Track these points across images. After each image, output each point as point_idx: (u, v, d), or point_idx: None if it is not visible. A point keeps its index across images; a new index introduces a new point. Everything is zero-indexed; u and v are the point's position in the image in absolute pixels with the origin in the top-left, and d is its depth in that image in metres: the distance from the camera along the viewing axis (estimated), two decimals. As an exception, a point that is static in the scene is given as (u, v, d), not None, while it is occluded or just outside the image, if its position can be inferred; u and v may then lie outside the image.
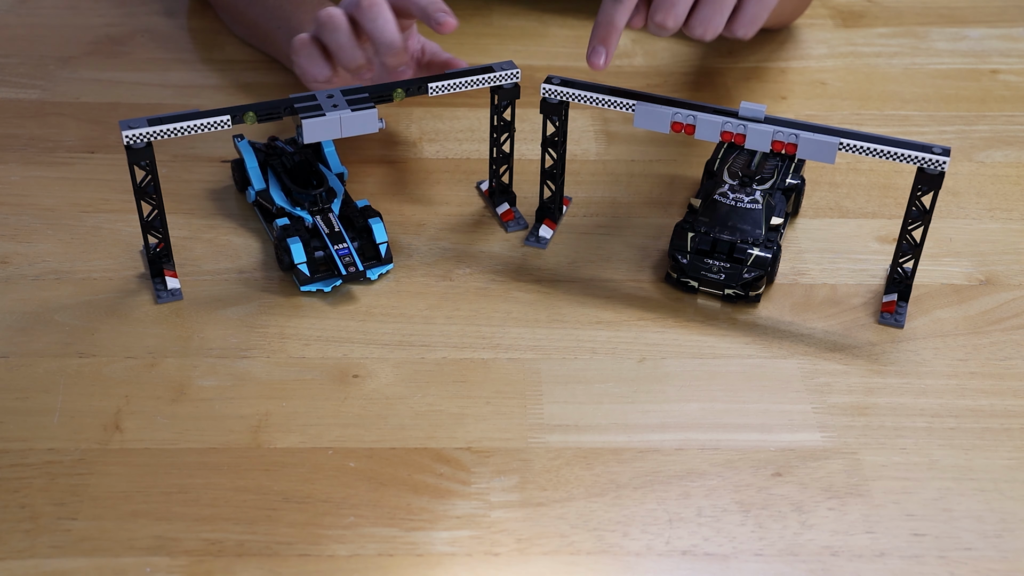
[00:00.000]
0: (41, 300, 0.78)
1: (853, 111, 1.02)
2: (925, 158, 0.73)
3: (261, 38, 1.04)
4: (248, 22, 1.05)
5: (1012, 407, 0.72)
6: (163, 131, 0.73)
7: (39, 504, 0.64)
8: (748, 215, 0.80)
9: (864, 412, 0.72)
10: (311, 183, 0.84)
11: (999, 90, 1.05)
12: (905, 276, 0.79)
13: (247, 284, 0.80)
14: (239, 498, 0.65)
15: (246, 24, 1.06)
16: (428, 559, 0.62)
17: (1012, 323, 0.78)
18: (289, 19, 0.97)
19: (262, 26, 1.02)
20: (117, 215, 0.86)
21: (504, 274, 0.82)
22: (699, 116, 0.76)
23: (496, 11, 1.15)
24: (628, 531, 0.64)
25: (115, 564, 0.61)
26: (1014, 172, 0.94)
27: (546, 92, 0.80)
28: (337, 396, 0.72)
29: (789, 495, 0.66)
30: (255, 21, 1.03)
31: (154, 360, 0.74)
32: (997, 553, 0.63)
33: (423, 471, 0.67)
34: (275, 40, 1.00)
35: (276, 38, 1.00)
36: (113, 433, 0.69)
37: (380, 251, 0.80)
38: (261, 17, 1.02)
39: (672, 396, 0.73)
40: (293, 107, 0.76)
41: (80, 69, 1.05)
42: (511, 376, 0.74)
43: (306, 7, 0.97)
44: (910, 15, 1.17)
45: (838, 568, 0.62)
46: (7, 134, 0.96)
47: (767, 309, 0.79)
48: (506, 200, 0.88)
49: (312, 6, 0.96)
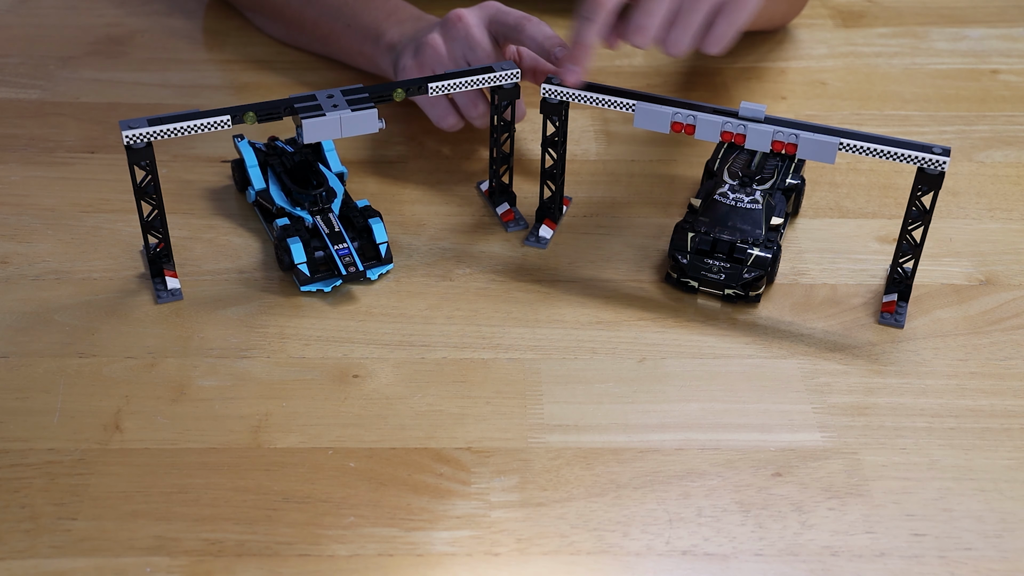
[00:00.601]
0: (41, 300, 0.78)
1: (853, 111, 1.02)
2: (925, 158, 0.73)
3: (319, 38, 1.04)
4: (305, 21, 1.04)
5: (1012, 407, 0.72)
6: (163, 131, 0.73)
7: (39, 504, 0.64)
8: (748, 215, 0.80)
9: (864, 412, 0.72)
10: (311, 183, 0.84)
11: (999, 90, 1.05)
12: (905, 276, 0.79)
13: (247, 284, 0.80)
14: (239, 498, 0.65)
15: (299, 24, 1.05)
16: (428, 559, 0.62)
17: (1012, 323, 0.78)
18: (358, 16, 0.98)
19: (324, 25, 1.02)
20: (117, 215, 0.86)
21: (504, 274, 0.82)
22: (699, 116, 0.76)
23: (496, 11, 1.15)
24: (628, 531, 0.64)
25: (115, 564, 0.61)
26: (1014, 172, 0.94)
27: (546, 92, 0.80)
28: (337, 396, 0.72)
29: (789, 495, 0.66)
30: (316, 21, 1.03)
31: (154, 360, 0.74)
32: (997, 553, 0.63)
33: (423, 471, 0.67)
34: (341, 40, 1.01)
35: (344, 38, 1.00)
36: (113, 433, 0.69)
37: (380, 251, 0.80)
38: (323, 17, 1.02)
39: (672, 396, 0.73)
40: (293, 107, 0.76)
41: (80, 69, 1.05)
42: (511, 376, 0.74)
43: (375, 4, 0.98)
44: (910, 15, 1.17)
45: (838, 568, 0.62)
46: (7, 134, 0.96)
47: (767, 309, 0.79)
48: (506, 200, 0.88)
49: (380, 2, 0.97)
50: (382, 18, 0.96)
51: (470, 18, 0.87)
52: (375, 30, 0.96)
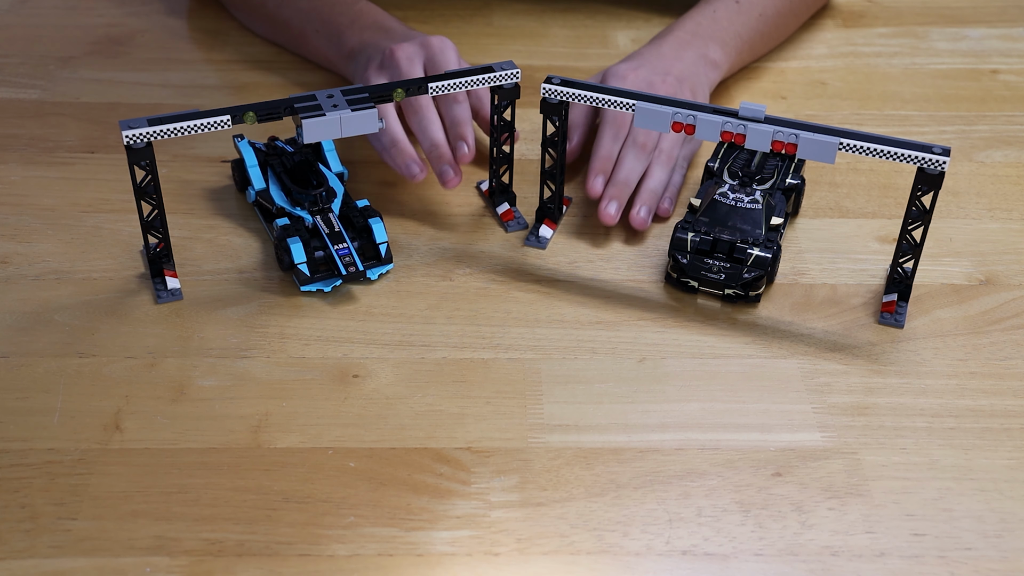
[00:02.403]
0: (41, 300, 0.78)
1: (853, 111, 1.02)
2: (925, 158, 0.73)
3: (292, 38, 1.04)
4: (279, 22, 1.05)
5: (1012, 407, 0.72)
6: (163, 131, 0.73)
7: (39, 504, 0.64)
8: (748, 215, 0.80)
9: (864, 412, 0.72)
10: (311, 183, 0.84)
11: (999, 90, 1.05)
12: (905, 276, 0.79)
13: (247, 284, 0.80)
14: (239, 498, 0.65)
15: (275, 23, 1.06)
16: (428, 559, 0.62)
17: (1012, 323, 0.78)
18: (327, 22, 0.98)
19: (295, 27, 1.02)
20: (117, 215, 0.86)
21: (504, 274, 0.82)
22: (699, 116, 0.76)
23: (496, 11, 1.15)
24: (628, 531, 0.64)
25: (115, 564, 0.61)
26: (1014, 172, 0.94)
27: (546, 92, 0.80)
28: (337, 396, 0.72)
29: (789, 495, 0.66)
30: (287, 21, 1.03)
31: (154, 360, 0.74)
32: (997, 553, 0.63)
33: (423, 471, 0.67)
34: (311, 42, 1.01)
35: (313, 40, 1.01)
36: (113, 433, 0.69)
37: (380, 251, 0.80)
38: (294, 18, 1.02)
39: (672, 396, 0.73)
40: (293, 107, 0.76)
41: (80, 69, 1.05)
42: (511, 376, 0.74)
43: (340, 8, 0.98)
44: (910, 15, 1.17)
45: (838, 568, 0.62)
46: (7, 134, 0.96)
47: (767, 309, 0.79)
48: (506, 200, 0.88)
49: (346, 6, 0.97)
50: (345, 24, 0.97)
51: (402, 58, 0.88)
52: (337, 36, 0.97)
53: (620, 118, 0.86)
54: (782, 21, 1.06)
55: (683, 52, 0.94)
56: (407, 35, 0.93)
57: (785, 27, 1.07)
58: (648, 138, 0.85)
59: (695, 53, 0.94)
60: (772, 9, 1.03)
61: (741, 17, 1.00)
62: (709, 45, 0.96)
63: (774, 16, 1.04)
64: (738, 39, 0.99)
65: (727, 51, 0.98)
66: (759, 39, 1.03)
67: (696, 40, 0.96)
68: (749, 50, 1.02)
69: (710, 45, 0.96)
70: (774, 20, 1.04)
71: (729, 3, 1.01)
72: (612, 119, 0.86)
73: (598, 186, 0.84)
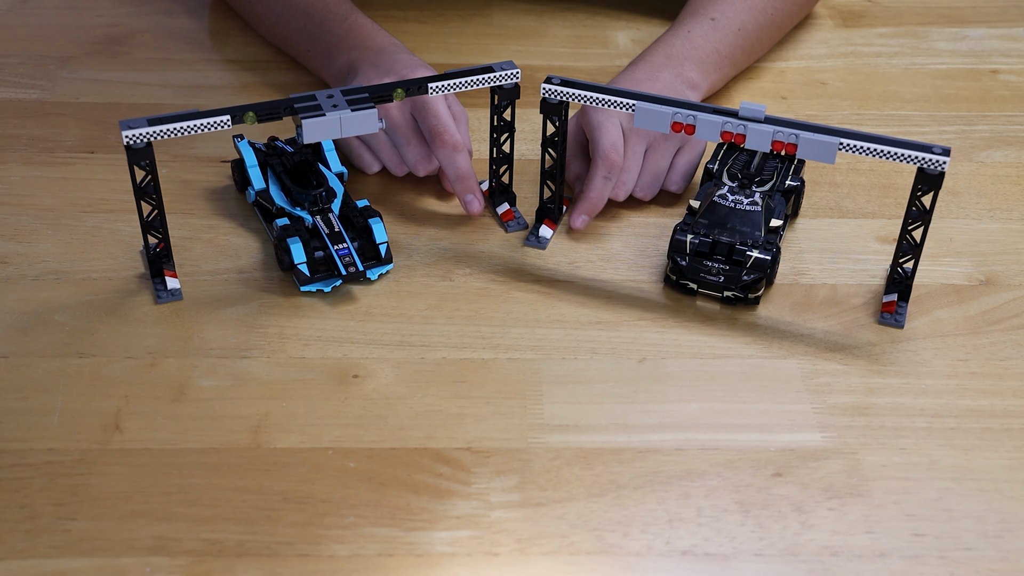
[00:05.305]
0: (41, 300, 0.78)
1: (853, 111, 1.02)
2: (925, 158, 0.73)
3: (293, 54, 1.05)
4: (279, 39, 1.06)
5: (1012, 407, 0.72)
6: (163, 131, 0.73)
7: (39, 504, 0.64)
8: (747, 217, 0.80)
9: (864, 412, 0.72)
10: (311, 183, 0.84)
11: (999, 90, 1.05)
12: (905, 276, 0.79)
13: (247, 284, 0.80)
14: (239, 498, 0.65)
15: (275, 39, 1.07)
16: (428, 559, 0.62)
17: (1012, 323, 0.78)
18: (317, 40, 0.98)
19: (292, 45, 1.03)
20: (117, 215, 0.86)
21: (504, 274, 0.82)
22: (699, 116, 0.76)
23: (496, 11, 1.15)
24: (628, 531, 0.64)
25: (115, 564, 0.61)
26: (1014, 172, 0.94)
27: (546, 92, 0.80)
28: (337, 396, 0.72)
29: (789, 495, 0.66)
30: (287, 37, 1.04)
31: (154, 360, 0.74)
32: (997, 553, 0.63)
33: (423, 471, 0.67)
34: (306, 60, 1.02)
35: (307, 58, 1.01)
36: (113, 433, 0.69)
37: (380, 251, 0.80)
38: (291, 37, 1.03)
39: (672, 396, 0.73)
40: (293, 107, 0.76)
41: (80, 69, 1.05)
42: (511, 376, 0.74)
43: (330, 26, 0.98)
44: (910, 15, 1.17)
45: (838, 568, 0.62)
46: (7, 134, 0.96)
47: (767, 309, 0.79)
48: (506, 200, 0.88)
49: (336, 23, 0.97)
50: (333, 44, 0.97)
51: (395, 114, 0.87)
52: (327, 56, 0.97)
53: (613, 157, 0.84)
54: (765, 34, 1.04)
55: (658, 74, 0.92)
56: (393, 59, 0.91)
57: (769, 39, 1.06)
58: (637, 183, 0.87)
59: (670, 74, 0.92)
60: (752, 23, 1.01)
61: (718, 34, 0.98)
62: (685, 65, 0.94)
63: (755, 30, 1.02)
64: (716, 56, 0.97)
65: (704, 69, 0.95)
66: (741, 54, 1.01)
67: (671, 62, 0.94)
68: (731, 65, 1.00)
69: (686, 65, 0.94)
70: (755, 34, 1.02)
71: (704, 21, 0.98)
72: (605, 156, 0.84)
73: (580, 225, 0.85)
